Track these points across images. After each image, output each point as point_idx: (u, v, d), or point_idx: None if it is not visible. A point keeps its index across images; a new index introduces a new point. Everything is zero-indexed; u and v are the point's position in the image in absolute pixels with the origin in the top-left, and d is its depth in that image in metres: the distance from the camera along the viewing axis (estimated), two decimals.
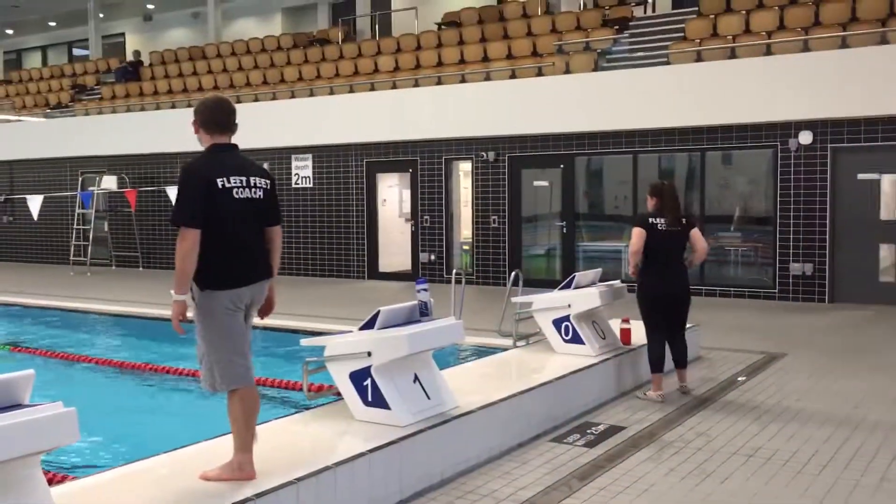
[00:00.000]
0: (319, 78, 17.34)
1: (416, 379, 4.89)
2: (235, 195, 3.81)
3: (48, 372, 7.37)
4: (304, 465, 3.96)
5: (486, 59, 15.59)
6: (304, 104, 15.96)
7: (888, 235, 11.36)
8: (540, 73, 14.08)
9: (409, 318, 5.06)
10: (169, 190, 12.39)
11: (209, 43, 20.97)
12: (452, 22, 17.40)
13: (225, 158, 3.89)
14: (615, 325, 7.21)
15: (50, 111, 21.12)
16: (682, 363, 6.66)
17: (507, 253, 13.86)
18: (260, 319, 4.22)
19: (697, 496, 4.37)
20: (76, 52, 27.14)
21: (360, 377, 4.75)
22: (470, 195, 14.38)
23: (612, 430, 5.60)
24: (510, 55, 15.35)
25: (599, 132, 12.93)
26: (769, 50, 12.30)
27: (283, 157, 15.94)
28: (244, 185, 3.86)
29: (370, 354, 4.74)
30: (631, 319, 7.20)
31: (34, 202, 11.23)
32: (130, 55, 22.59)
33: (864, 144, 11.25)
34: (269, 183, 4.01)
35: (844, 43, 11.74)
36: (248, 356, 3.93)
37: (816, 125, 11.49)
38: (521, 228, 13.93)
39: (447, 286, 8.08)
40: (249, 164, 4.00)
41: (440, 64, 16.07)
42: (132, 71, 21.16)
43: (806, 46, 12.02)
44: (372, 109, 14.73)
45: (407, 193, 15.20)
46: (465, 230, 14.68)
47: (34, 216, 11.65)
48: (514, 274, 7.72)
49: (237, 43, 20.24)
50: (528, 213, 13.96)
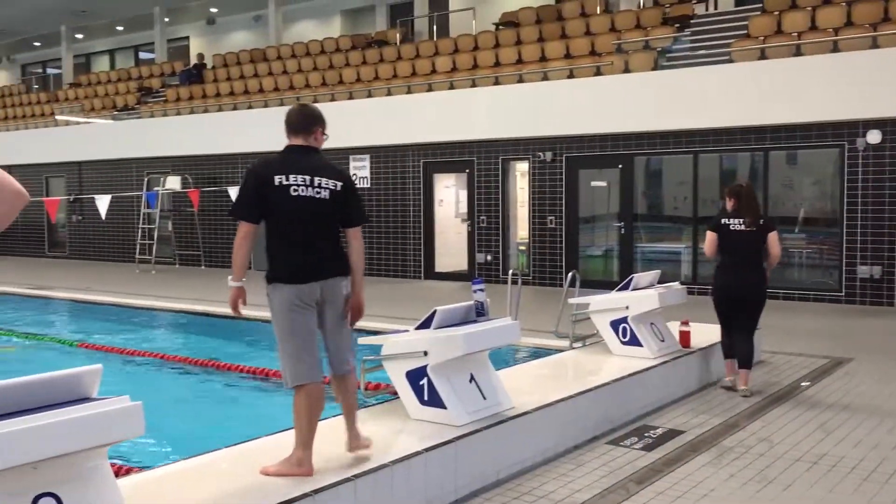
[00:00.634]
0: (377, 79, 17.48)
1: (472, 379, 4.89)
2: (292, 192, 3.92)
3: (114, 367, 7.59)
4: (361, 462, 3.99)
5: (543, 58, 15.51)
6: (362, 105, 16.10)
7: None
8: (598, 72, 13.96)
9: (465, 318, 5.06)
10: (231, 190, 12.61)
11: (270, 45, 21.31)
12: (510, 22, 17.37)
13: (292, 158, 4.05)
14: (674, 327, 7.11)
15: (117, 113, 21.72)
16: (743, 364, 6.55)
17: (563, 254, 13.78)
18: (350, 326, 4.20)
19: (759, 503, 4.28)
20: (142, 55, 27.86)
21: (416, 376, 4.78)
22: (526, 195, 14.33)
23: (670, 433, 5.52)
24: (568, 55, 15.25)
25: (659, 132, 12.76)
26: (836, 47, 11.97)
27: (341, 157, 16.10)
28: (307, 184, 3.96)
29: (426, 354, 4.75)
30: (691, 322, 7.09)
31: (102, 202, 11.57)
32: (194, 58, 23.09)
33: None
34: (339, 185, 4.06)
35: None
36: (314, 353, 3.96)
37: (885, 124, 11.14)
38: (577, 229, 13.82)
39: (503, 286, 8.07)
40: (322, 165, 4.10)
41: (498, 64, 16.05)
42: (196, 74, 21.63)
43: (874, 43, 11.66)
44: (429, 110, 14.79)
45: (463, 194, 15.21)
46: (521, 231, 14.63)
47: (102, 215, 12.00)
48: (570, 275, 7.67)
49: (297, 45, 20.53)
50: (585, 213, 13.85)
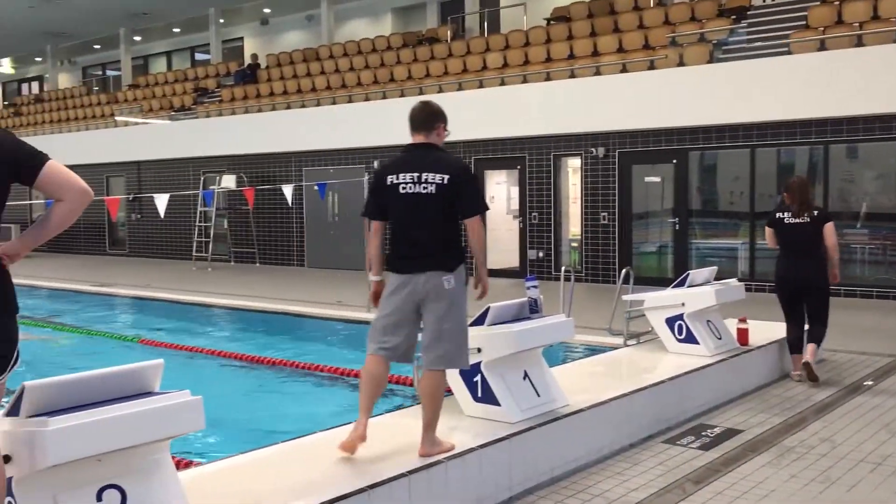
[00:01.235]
0: (428, 76, 17.52)
1: (525, 376, 4.88)
2: (401, 190, 4.15)
3: (172, 362, 7.74)
4: (415, 458, 4.01)
5: (595, 53, 15.36)
6: (413, 103, 16.09)
7: None
8: (652, 66, 13.77)
9: (518, 314, 5.05)
10: (285, 189, 12.76)
11: (322, 44, 21.52)
12: (562, 17, 17.24)
13: (406, 157, 4.27)
14: (732, 325, 6.98)
15: (174, 114, 22.16)
16: (813, 339, 6.81)
17: (616, 250, 13.64)
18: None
19: None
20: (198, 56, 28.38)
21: (469, 373, 4.77)
22: (578, 191, 14.22)
23: (728, 433, 5.43)
24: (621, 49, 15.08)
25: (714, 126, 12.53)
26: None
27: (392, 154, 16.15)
28: (414, 181, 4.15)
29: (480, 350, 4.75)
30: (749, 319, 6.96)
31: (161, 200, 11.80)
32: (248, 58, 23.44)
33: None
34: (447, 178, 4.13)
35: None
36: (389, 335, 4.21)
37: None
38: (631, 225, 13.67)
39: (556, 283, 8.01)
40: (432, 161, 4.22)
41: (549, 60, 15.95)
42: (250, 74, 21.96)
43: None
44: (480, 106, 14.76)
45: (515, 190, 15.16)
46: (573, 227, 14.53)
47: (161, 214, 12.24)
48: (624, 271, 7.58)
49: (349, 44, 20.69)
50: (638, 209, 13.69)
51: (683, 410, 5.75)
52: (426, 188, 4.12)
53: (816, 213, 6.79)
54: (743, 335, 6.85)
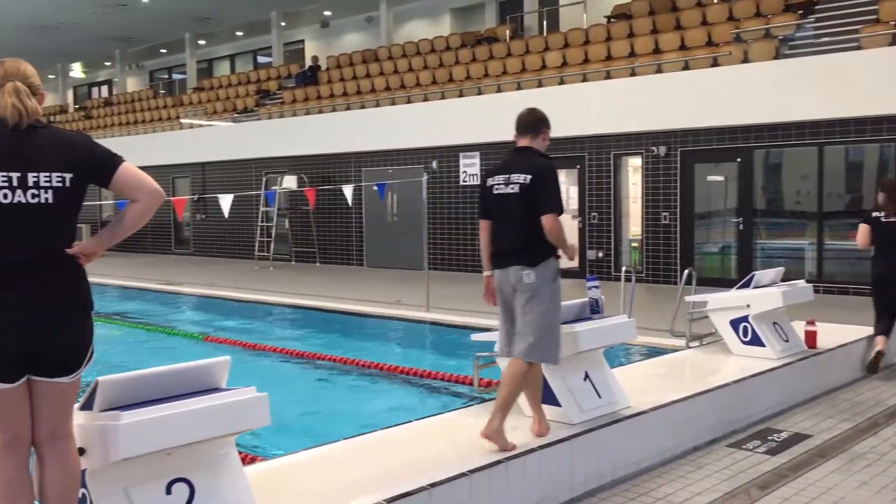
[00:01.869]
0: (487, 76, 17.50)
1: (586, 377, 4.84)
2: (495, 191, 4.45)
3: (236, 359, 7.89)
4: (475, 458, 4.01)
5: (657, 50, 15.15)
6: (471, 102, 16.16)
7: None
8: (715, 63, 13.51)
9: (579, 315, 5.01)
10: (345, 189, 12.90)
11: (381, 46, 21.68)
12: (622, 14, 17.05)
13: (506, 159, 4.57)
14: (799, 327, 6.81)
15: (237, 115, 22.59)
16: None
17: (678, 250, 13.42)
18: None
19: None
20: (260, 59, 28.88)
21: None
22: (639, 191, 14.03)
23: (795, 437, 5.29)
24: (683, 46, 14.83)
25: (780, 123, 12.23)
26: None
27: (451, 155, 16.23)
28: (504, 182, 4.43)
29: None
30: (817, 321, 6.78)
31: (225, 201, 12.03)
32: (309, 60, 23.75)
33: None
34: (528, 178, 4.37)
35: None
36: (500, 332, 4.47)
37: None
38: (693, 225, 13.43)
39: (615, 284, 7.94)
40: (521, 162, 4.49)
41: (609, 58, 15.79)
42: (311, 75, 22.25)
43: None
44: (539, 106, 14.62)
45: (574, 190, 15.04)
46: (633, 227, 14.35)
47: (225, 214, 12.49)
48: (687, 272, 7.47)
49: (408, 44, 20.80)
50: (701, 209, 13.45)
51: (749, 414, 5.64)
52: (512, 188, 4.39)
53: None
54: (811, 338, 6.68)
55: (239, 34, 27.98)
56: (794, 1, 14.43)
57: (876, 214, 6.99)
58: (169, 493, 3.05)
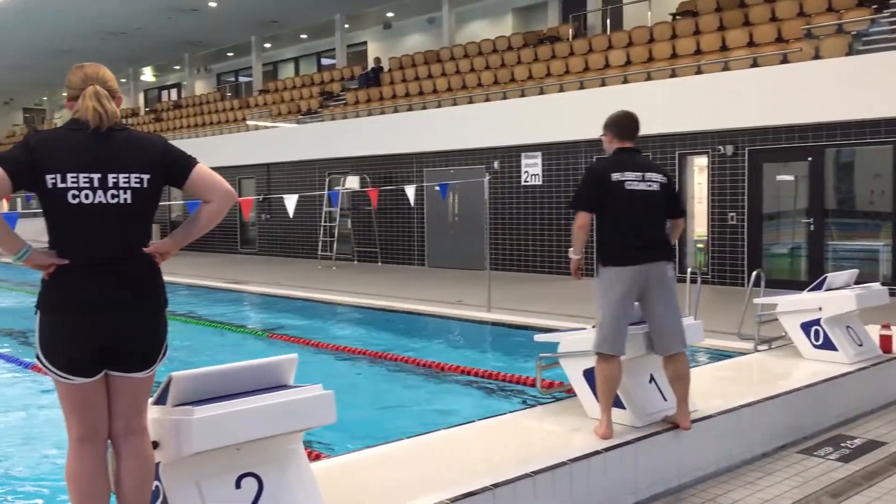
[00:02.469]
0: (549, 76, 17.41)
1: (651, 379, 4.78)
2: (627, 187, 4.49)
3: (300, 357, 8.00)
4: (538, 459, 3.99)
5: (724, 48, 14.85)
6: (533, 102, 16.09)
7: None
8: (785, 59, 13.19)
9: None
10: (408, 189, 12.98)
11: (443, 46, 21.75)
12: (688, 11, 16.76)
13: (624, 159, 4.63)
14: (874, 331, 6.60)
15: (301, 117, 22.93)
16: None
17: (745, 252, 13.13)
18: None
19: None
20: (324, 61, 29.25)
21: (593, 375, 4.70)
22: (705, 191, 13.78)
23: (870, 444, 5.13)
24: (751, 42, 14.51)
25: (853, 121, 11.87)
26: None
27: (512, 155, 16.19)
28: (640, 179, 4.53)
29: None
30: (893, 325, 6.56)
31: (290, 201, 12.23)
32: (372, 62, 23.97)
33: None
34: (664, 179, 4.62)
35: None
36: (621, 330, 4.41)
37: None
38: (761, 226, 13.13)
39: (680, 285, 7.80)
40: (646, 162, 4.72)
41: (674, 56, 15.54)
42: (373, 77, 22.45)
43: None
44: (602, 105, 14.43)
45: None
46: (698, 227, 14.09)
47: (290, 214, 12.71)
48: (755, 274, 7.30)
49: (470, 45, 20.82)
50: (769, 209, 13.13)
51: (820, 420, 5.48)
52: (651, 186, 4.54)
53: None
54: (886, 342, 6.46)
55: (303, 37, 28.40)
56: None
57: None
58: (238, 487, 3.11)
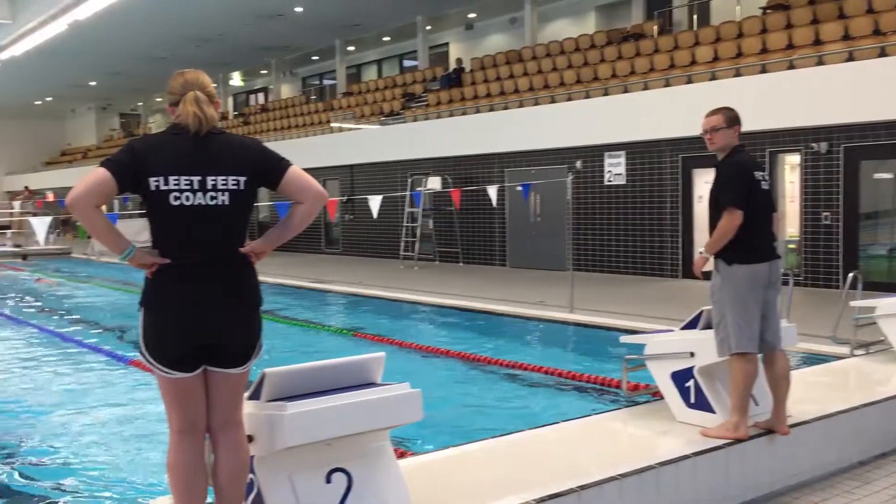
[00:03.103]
0: (633, 73, 17.14)
1: None
2: (762, 186, 4.54)
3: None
4: (624, 462, 3.95)
5: (818, 42, 14.34)
6: (616, 101, 15.88)
7: None
8: (883, 53, 12.64)
9: None
10: (490, 189, 12.99)
11: (525, 46, 21.67)
12: (779, 5, 16.25)
13: (750, 157, 4.70)
14: None
15: (384, 119, 23.20)
16: None
17: (840, 253, 12.65)
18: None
19: None
20: (406, 63, 29.53)
21: (682, 378, 4.63)
22: (796, 190, 13.33)
23: None
24: (847, 36, 13.97)
25: None
26: None
27: (595, 154, 16.01)
28: (763, 178, 4.59)
29: (693, 355, 4.60)
30: None
31: (374, 202, 12.42)
32: (453, 63, 24.07)
33: None
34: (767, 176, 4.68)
35: None
36: (756, 327, 4.37)
37: None
38: (857, 226, 12.62)
39: None
40: (756, 160, 4.76)
41: (764, 51, 15.09)
42: (455, 78, 22.54)
43: None
44: (688, 103, 14.21)
45: None
46: (790, 227, 13.65)
47: (374, 215, 12.91)
48: (852, 276, 7.04)
49: (552, 44, 20.68)
50: (866, 208, 12.61)
51: None
52: (767, 185, 4.60)
53: None
54: None
55: (386, 39, 28.73)
56: None
57: None
58: (329, 481, 3.19)
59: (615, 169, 15.68)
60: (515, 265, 17.77)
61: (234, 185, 2.95)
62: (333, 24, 25.36)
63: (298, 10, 23.31)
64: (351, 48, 29.63)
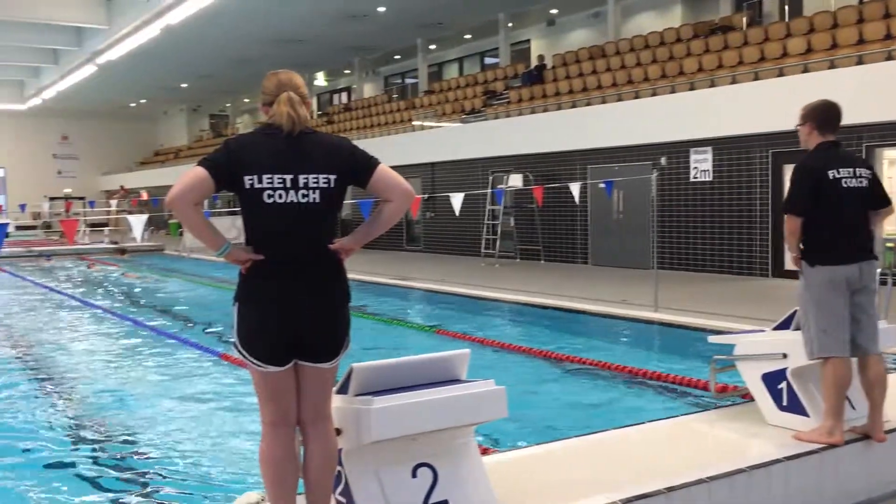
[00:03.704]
0: (721, 67, 16.72)
1: None
2: (844, 185, 4.36)
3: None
4: (711, 464, 3.87)
5: None
6: (703, 95, 15.51)
7: None
8: None
9: None
10: (572, 187, 12.88)
11: (608, 41, 21.39)
12: None
13: (835, 154, 4.49)
14: None
15: (465, 116, 23.26)
16: None
17: None
18: None
19: None
20: (487, 60, 29.53)
21: (774, 379, 4.51)
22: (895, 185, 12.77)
23: None
24: None
25: None
26: None
27: (680, 150, 15.68)
28: (852, 175, 4.41)
29: (786, 356, 4.47)
30: None
31: (456, 200, 12.48)
32: (535, 59, 23.95)
33: None
34: (870, 173, 4.49)
35: None
36: (842, 330, 4.25)
37: None
38: None
39: None
40: (853, 157, 4.66)
41: (861, 41, 14.50)
42: (537, 74, 22.42)
43: None
44: (780, 96, 13.78)
45: None
46: (888, 225, 13.06)
47: (456, 212, 12.97)
48: None
49: (636, 38, 20.35)
50: None
51: None
52: (860, 182, 4.40)
53: None
54: None
55: (467, 37, 28.78)
56: None
57: None
58: (414, 476, 3.22)
59: (701, 165, 15.33)
60: (597, 263, 17.57)
61: (325, 183, 3.01)
62: (416, 23, 25.55)
63: (381, 9, 23.58)
64: (432, 47, 29.80)
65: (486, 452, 4.57)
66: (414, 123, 24.64)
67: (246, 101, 42.94)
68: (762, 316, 8.62)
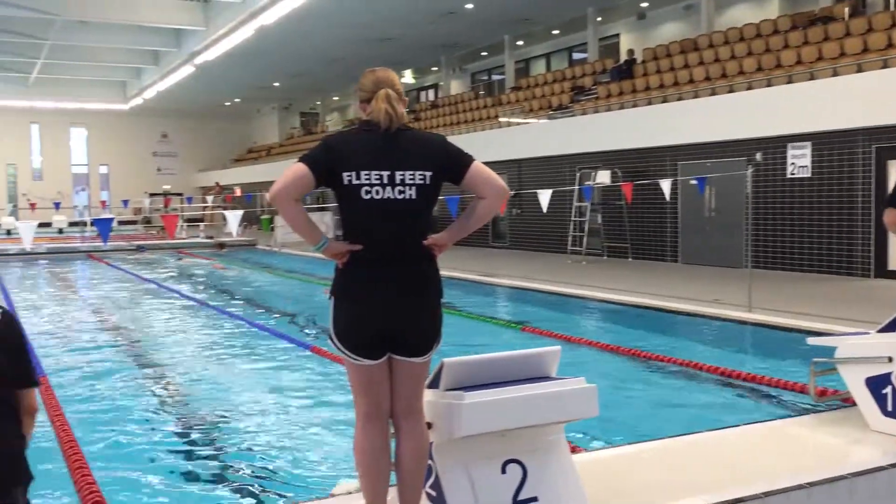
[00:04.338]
0: (821, 59, 16.09)
1: None
2: None
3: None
4: (812, 470, 3.75)
5: None
6: (802, 89, 14.96)
7: None
8: None
9: None
10: (663, 183, 12.64)
11: (701, 34, 20.85)
12: None
13: None
14: None
15: (552, 113, 23.08)
16: None
17: None
18: None
19: None
20: (575, 56, 29.22)
21: (878, 384, 4.33)
22: None
23: None
24: None
25: None
26: None
27: (777, 146, 15.18)
28: None
29: (891, 360, 4.28)
30: None
31: (544, 196, 12.43)
32: (624, 54, 23.57)
33: None
34: None
35: None
36: None
37: None
38: None
39: None
40: None
41: None
42: (626, 69, 22.05)
43: None
44: (885, 89, 13.19)
45: None
46: None
47: (543, 209, 12.91)
48: None
49: (730, 31, 19.78)
50: None
51: None
52: None
53: None
54: None
55: (555, 32, 28.55)
56: None
57: None
58: (504, 472, 3.23)
59: (799, 161, 14.80)
60: (688, 261, 17.18)
61: (420, 179, 3.05)
62: (503, 19, 25.50)
63: (469, 6, 23.63)
64: (519, 42, 29.67)
65: (575, 451, 4.55)
66: (500, 120, 24.59)
67: (335, 99, 43.71)
68: (864, 318, 8.29)
